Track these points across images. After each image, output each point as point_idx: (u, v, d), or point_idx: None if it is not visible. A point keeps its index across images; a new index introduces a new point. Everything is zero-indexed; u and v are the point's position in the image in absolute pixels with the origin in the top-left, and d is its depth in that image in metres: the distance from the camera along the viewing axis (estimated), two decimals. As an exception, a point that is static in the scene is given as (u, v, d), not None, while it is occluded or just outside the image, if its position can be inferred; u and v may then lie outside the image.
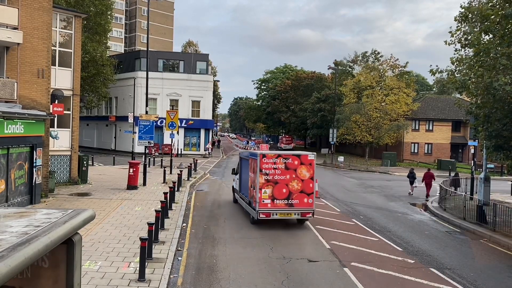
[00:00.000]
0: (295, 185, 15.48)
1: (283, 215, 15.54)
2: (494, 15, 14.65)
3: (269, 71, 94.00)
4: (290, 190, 15.45)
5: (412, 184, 25.74)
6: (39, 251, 2.42)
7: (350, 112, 50.20)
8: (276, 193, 15.36)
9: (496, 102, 14.94)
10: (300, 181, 15.53)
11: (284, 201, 15.44)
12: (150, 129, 24.26)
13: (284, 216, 15.62)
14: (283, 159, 15.61)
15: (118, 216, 15.51)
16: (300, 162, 15.63)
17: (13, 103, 16.64)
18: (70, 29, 22.62)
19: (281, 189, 15.41)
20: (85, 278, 9.16)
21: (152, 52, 51.01)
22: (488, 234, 15.57)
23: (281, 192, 15.40)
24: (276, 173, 15.46)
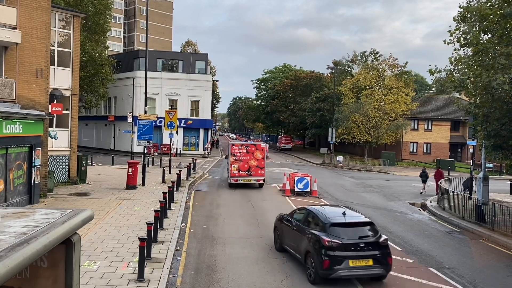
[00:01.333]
0: (253, 162, 24.55)
1: (245, 180, 24.71)
2: (492, 15, 14.67)
3: (268, 71, 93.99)
4: (250, 165, 24.55)
5: (424, 183, 26.21)
6: (37, 251, 2.42)
7: (349, 112, 50.21)
8: (241, 167, 24.51)
9: (495, 102, 14.95)
10: (256, 160, 24.58)
11: (246, 172, 24.58)
12: (149, 129, 24.25)
13: (246, 181, 24.76)
14: (245, 146, 25.05)
15: (117, 216, 15.50)
16: (255, 148, 24.95)
17: (11, 103, 16.61)
18: (69, 29, 22.59)
19: (244, 164, 24.51)
20: (84, 278, 9.15)
21: (151, 51, 50.98)
22: (487, 233, 15.59)
23: (244, 167, 24.52)
24: (241, 155, 24.50)
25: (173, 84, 50.77)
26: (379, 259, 10.01)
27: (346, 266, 9.80)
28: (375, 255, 10.01)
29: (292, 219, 12.11)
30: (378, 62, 58.37)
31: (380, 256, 10.06)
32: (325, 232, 10.21)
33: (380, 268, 10.05)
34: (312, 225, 10.95)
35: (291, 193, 23.04)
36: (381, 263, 10.02)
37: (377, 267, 10.00)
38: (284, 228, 12.37)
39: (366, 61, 61.46)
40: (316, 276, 10.03)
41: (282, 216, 12.97)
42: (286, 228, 12.24)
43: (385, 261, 10.10)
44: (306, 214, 11.57)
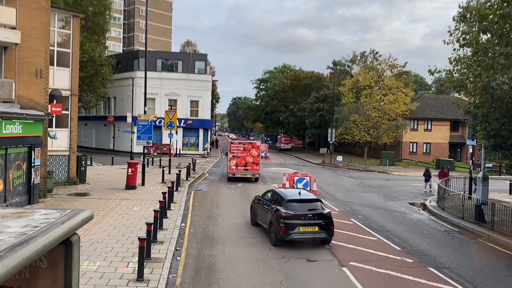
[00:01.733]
0: (249, 159, 27.49)
1: (242, 174, 27.54)
2: (492, 15, 14.67)
3: (267, 71, 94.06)
4: (246, 161, 27.45)
5: (427, 182, 26.56)
6: (37, 251, 2.42)
7: (348, 112, 50.22)
8: (238, 163, 27.41)
9: (494, 102, 14.96)
10: (252, 156, 27.55)
11: (243, 168, 27.51)
12: (149, 129, 24.24)
13: (243, 176, 27.53)
14: (242, 144, 28.26)
15: (116, 216, 15.50)
16: (252, 146, 28.05)
17: (11, 103, 16.61)
18: (68, 29, 22.59)
19: (241, 161, 27.41)
20: (83, 278, 9.15)
21: (150, 52, 50.96)
22: (486, 233, 15.60)
23: (241, 163, 27.42)
24: (238, 152, 27.48)
25: (173, 84, 50.76)
26: (323, 227, 13.02)
27: (297, 231, 12.81)
28: (320, 223, 13.04)
29: (263, 199, 15.05)
30: (378, 62, 58.41)
31: (324, 224, 13.04)
32: (283, 206, 13.23)
33: (324, 234, 13.09)
34: (275, 202, 13.94)
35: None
36: (325, 229, 13.04)
37: (322, 233, 13.05)
38: (257, 207, 15.34)
39: (365, 61, 61.48)
40: (276, 239, 12.99)
41: (256, 197, 15.94)
42: (258, 206, 15.19)
43: (328, 228, 13.08)
44: (272, 194, 14.67)
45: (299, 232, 12.84)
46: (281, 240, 12.87)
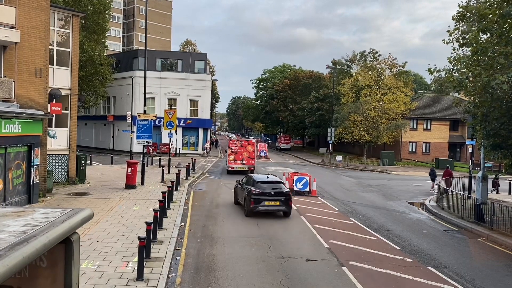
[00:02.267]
0: (245, 154, 31.65)
1: (239, 168, 31.30)
2: (491, 14, 14.67)
3: (267, 71, 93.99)
4: (243, 156, 31.60)
5: (433, 181, 26.50)
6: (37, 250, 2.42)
7: (348, 111, 50.23)
8: (236, 157, 31.63)
9: (494, 101, 14.96)
10: (248, 152, 31.75)
11: (240, 162, 31.72)
12: (148, 129, 24.23)
13: (240, 168, 31.22)
14: (240, 142, 32.94)
15: (116, 216, 15.49)
16: (248, 143, 32.53)
17: (10, 102, 16.60)
18: (68, 28, 22.57)
19: (238, 155, 31.58)
20: (83, 278, 9.15)
21: (150, 51, 50.96)
22: (486, 233, 15.61)
23: (238, 157, 31.62)
24: (236, 148, 31.73)
25: (172, 83, 50.75)
26: (284, 202, 17.00)
27: (263, 205, 16.71)
28: (281, 199, 16.96)
29: (241, 182, 18.92)
30: (377, 62, 58.40)
31: (284, 200, 17.00)
32: (254, 186, 17.17)
33: (284, 207, 17.07)
34: (249, 183, 17.85)
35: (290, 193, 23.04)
36: (284, 204, 17.02)
37: (282, 206, 17.02)
38: (237, 188, 19.33)
39: (365, 61, 61.46)
40: (247, 211, 17.01)
41: (237, 181, 20.02)
42: (238, 188, 19.14)
43: (287, 203, 17.10)
44: (248, 178, 18.72)
45: (265, 205, 16.78)
46: (250, 211, 16.88)
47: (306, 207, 19.65)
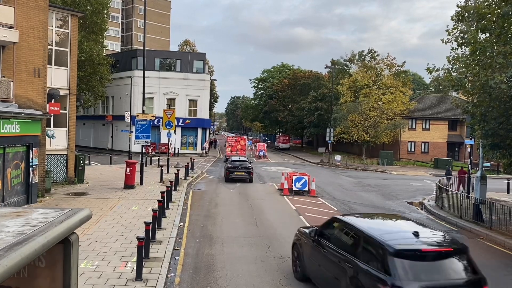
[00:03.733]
0: (239, 146, 44.99)
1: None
2: (490, 14, 14.69)
3: (266, 70, 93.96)
4: (238, 148, 44.69)
5: (449, 181, 26.64)
6: (35, 250, 2.41)
7: (347, 111, 50.27)
8: (232, 149, 44.42)
9: (492, 101, 14.98)
10: (241, 145, 45.32)
11: (235, 152, 43.20)
12: (147, 128, 24.21)
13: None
14: (234, 138, 48.23)
15: (115, 216, 15.48)
16: (240, 139, 47.07)
17: (9, 102, 16.57)
18: (66, 28, 22.55)
19: (234, 147, 44.76)
20: (82, 278, 9.14)
21: (148, 51, 50.92)
22: (484, 232, 15.63)
23: (234, 149, 44.50)
24: (232, 142, 45.54)
25: (171, 83, 50.72)
26: (247, 172, 27.12)
27: (234, 175, 26.85)
28: (245, 171, 27.11)
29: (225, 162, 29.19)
30: (376, 62, 58.45)
31: (247, 171, 27.11)
32: (229, 163, 28.07)
33: (247, 176, 27.14)
34: (227, 162, 29.65)
35: (289, 192, 23.06)
36: (247, 174, 27.11)
37: (246, 175, 27.10)
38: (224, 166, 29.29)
39: (364, 61, 61.51)
40: (224, 179, 27.37)
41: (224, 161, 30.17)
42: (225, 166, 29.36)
43: (249, 173, 27.16)
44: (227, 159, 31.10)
45: (235, 175, 26.97)
46: (226, 179, 27.36)
47: (305, 206, 19.66)
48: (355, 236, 7.74)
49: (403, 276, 6.43)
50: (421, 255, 6.82)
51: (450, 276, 6.77)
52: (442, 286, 6.56)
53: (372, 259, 7.04)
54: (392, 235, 7.32)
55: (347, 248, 7.79)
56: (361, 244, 7.45)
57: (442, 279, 6.62)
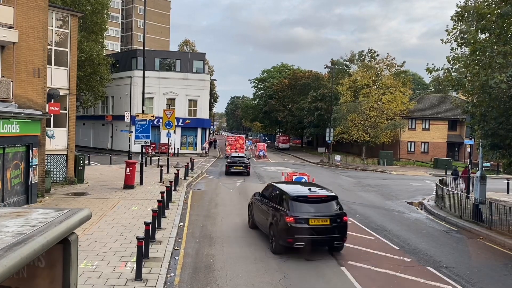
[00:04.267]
0: (238, 145, 48.94)
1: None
2: (490, 14, 14.69)
3: (265, 70, 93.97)
4: (237, 147, 48.24)
5: (456, 181, 26.61)
6: (35, 251, 2.41)
7: (346, 111, 50.27)
8: (231, 147, 48.10)
9: (492, 101, 14.97)
10: (239, 144, 49.32)
11: (235, 150, 44.99)
12: (147, 128, 24.20)
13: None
14: (234, 137, 52.27)
15: (115, 216, 15.48)
16: (239, 138, 51.18)
17: (8, 102, 16.57)
18: (66, 28, 22.54)
19: (233, 146, 48.49)
20: (81, 278, 9.14)
21: (148, 51, 50.91)
22: (484, 232, 15.63)
23: (233, 147, 47.89)
24: (231, 141, 49.95)
25: (171, 83, 50.71)
26: (244, 167, 31.59)
27: (233, 169, 31.44)
28: (242, 165, 31.64)
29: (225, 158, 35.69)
30: (376, 62, 58.45)
31: (244, 166, 31.63)
32: (229, 159, 33.29)
33: (245, 170, 31.51)
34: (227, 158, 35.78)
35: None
36: (245, 168, 31.60)
37: (244, 170, 31.50)
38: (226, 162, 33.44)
39: (363, 61, 61.51)
40: (225, 172, 31.85)
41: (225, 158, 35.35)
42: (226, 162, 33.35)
43: (247, 168, 31.69)
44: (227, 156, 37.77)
45: (234, 169, 31.31)
46: (226, 173, 31.51)
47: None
48: (277, 192, 13.14)
49: (296, 210, 11.83)
50: (307, 200, 12.14)
51: (324, 211, 12.05)
52: (318, 216, 11.81)
53: (283, 203, 12.32)
54: (295, 191, 12.65)
55: (273, 199, 13.18)
56: (279, 196, 12.82)
57: (318, 212, 11.94)
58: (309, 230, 11.44)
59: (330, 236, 11.71)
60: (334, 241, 11.85)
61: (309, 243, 11.59)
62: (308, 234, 11.44)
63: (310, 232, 11.45)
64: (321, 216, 11.72)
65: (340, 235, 11.80)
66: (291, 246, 11.64)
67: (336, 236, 11.76)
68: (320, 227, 11.59)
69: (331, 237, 11.76)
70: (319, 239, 11.78)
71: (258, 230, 14.91)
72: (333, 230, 11.69)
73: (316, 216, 11.68)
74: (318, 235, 11.60)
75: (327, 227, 11.63)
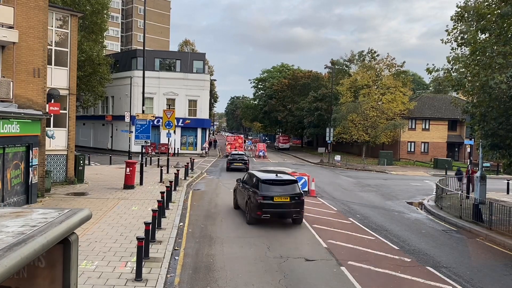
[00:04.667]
0: (237, 144, 51.52)
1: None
2: (490, 14, 14.70)
3: (265, 70, 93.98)
4: (236, 146, 50.79)
5: (460, 181, 26.50)
6: (35, 251, 2.41)
7: (346, 111, 50.27)
8: (231, 146, 50.61)
9: (492, 101, 14.97)
10: (239, 143, 52.07)
11: (234, 149, 46.92)
12: (147, 129, 24.21)
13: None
14: (233, 137, 56.02)
15: (115, 216, 15.48)
16: (238, 138, 54.36)
17: (8, 103, 16.56)
18: (66, 28, 22.54)
19: (233, 145, 51.15)
20: (81, 278, 9.14)
21: (148, 51, 50.92)
22: (484, 232, 15.63)
23: (233, 146, 50.46)
24: (231, 141, 52.74)
25: (171, 83, 50.71)
26: (244, 163, 34.43)
27: (233, 165, 34.34)
28: (242, 162, 34.62)
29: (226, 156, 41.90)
30: (376, 62, 58.44)
31: (243, 162, 34.54)
32: (229, 156, 36.86)
33: (244, 167, 33.44)
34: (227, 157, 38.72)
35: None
36: (244, 164, 34.32)
37: (243, 166, 33.86)
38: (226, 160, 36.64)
39: (363, 61, 61.51)
40: (226, 169, 34.61)
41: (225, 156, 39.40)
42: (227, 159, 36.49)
43: (246, 164, 34.33)
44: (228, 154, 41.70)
45: (234, 165, 33.84)
46: (227, 169, 34.09)
47: (305, 207, 19.62)
48: (253, 178, 16.34)
49: (264, 190, 15.09)
50: (273, 182, 15.51)
51: (286, 191, 15.27)
52: (281, 195, 15.03)
53: (256, 186, 15.55)
54: (266, 176, 16.03)
55: (250, 184, 16.44)
56: (254, 180, 16.04)
57: (281, 192, 15.19)
58: (274, 205, 14.80)
59: (290, 210, 15.11)
60: (293, 214, 15.27)
61: (274, 215, 15.06)
62: (273, 208, 14.84)
63: (274, 207, 14.83)
64: (283, 195, 15.06)
65: (298, 209, 15.20)
66: (260, 218, 14.99)
67: (295, 210, 15.17)
68: (282, 203, 14.94)
69: (291, 211, 15.17)
70: (281, 212, 15.21)
71: (258, 230, 14.92)
72: (293, 205, 15.02)
73: (279, 195, 15.01)
74: (281, 209, 15.03)
75: (287, 203, 14.97)
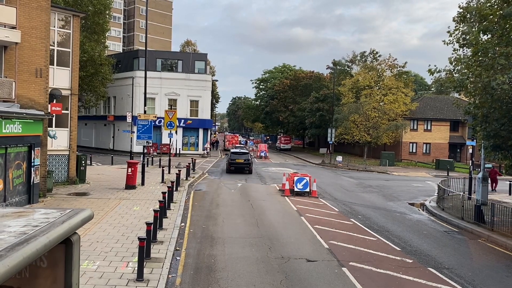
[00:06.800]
0: (233, 141, 67.75)
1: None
2: (492, 15, 14.68)
3: (267, 71, 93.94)
4: (233, 143, 66.09)
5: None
6: (37, 251, 2.41)
7: (348, 112, 50.22)
8: (229, 143, 66.18)
9: (494, 102, 14.95)
10: (235, 140, 69.25)
11: (232, 145, 60.10)
12: (149, 129, 24.23)
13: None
14: (231, 135, 75.11)
15: (116, 216, 15.49)
16: (235, 136, 74.72)
17: (11, 103, 16.60)
18: (68, 29, 22.58)
19: (230, 142, 67.00)
20: (83, 278, 9.15)
21: (150, 51, 50.92)
22: (486, 233, 15.60)
23: (231, 143, 66.04)
24: (229, 138, 70.34)
25: (173, 84, 50.74)
26: (246, 160, 33.93)
27: (235, 162, 33.71)
28: (243, 157, 34.36)
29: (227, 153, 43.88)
30: (378, 62, 58.38)
31: (246, 160, 33.99)
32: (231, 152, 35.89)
33: (246, 162, 33.81)
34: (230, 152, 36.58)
35: (290, 193, 23.06)
36: (246, 160, 33.88)
37: (245, 163, 33.69)
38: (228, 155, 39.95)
39: (365, 61, 61.45)
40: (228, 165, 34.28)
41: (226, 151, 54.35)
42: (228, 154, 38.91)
43: (249, 162, 33.88)
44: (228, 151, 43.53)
45: (236, 162, 33.58)
46: (229, 165, 33.96)
47: (306, 207, 19.65)
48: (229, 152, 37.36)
49: (231, 157, 34.25)
50: (236, 153, 35.10)
51: (242, 157, 34.14)
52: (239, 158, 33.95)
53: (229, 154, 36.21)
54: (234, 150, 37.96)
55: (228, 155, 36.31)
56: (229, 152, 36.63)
57: (241, 159, 33.91)
58: (236, 163, 32.06)
59: (244, 166, 32.13)
60: (245, 167, 32.28)
61: (236, 168, 32.16)
62: (235, 165, 32.21)
63: (236, 164, 32.08)
64: (241, 158, 33.20)
65: (248, 166, 32.53)
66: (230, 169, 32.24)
67: (246, 167, 32.53)
68: (240, 163, 32.38)
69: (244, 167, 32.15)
70: (239, 167, 32.41)
71: (258, 231, 14.93)
72: (245, 164, 32.47)
73: (238, 158, 33.22)
74: (239, 165, 32.32)
75: (242, 163, 32.39)
